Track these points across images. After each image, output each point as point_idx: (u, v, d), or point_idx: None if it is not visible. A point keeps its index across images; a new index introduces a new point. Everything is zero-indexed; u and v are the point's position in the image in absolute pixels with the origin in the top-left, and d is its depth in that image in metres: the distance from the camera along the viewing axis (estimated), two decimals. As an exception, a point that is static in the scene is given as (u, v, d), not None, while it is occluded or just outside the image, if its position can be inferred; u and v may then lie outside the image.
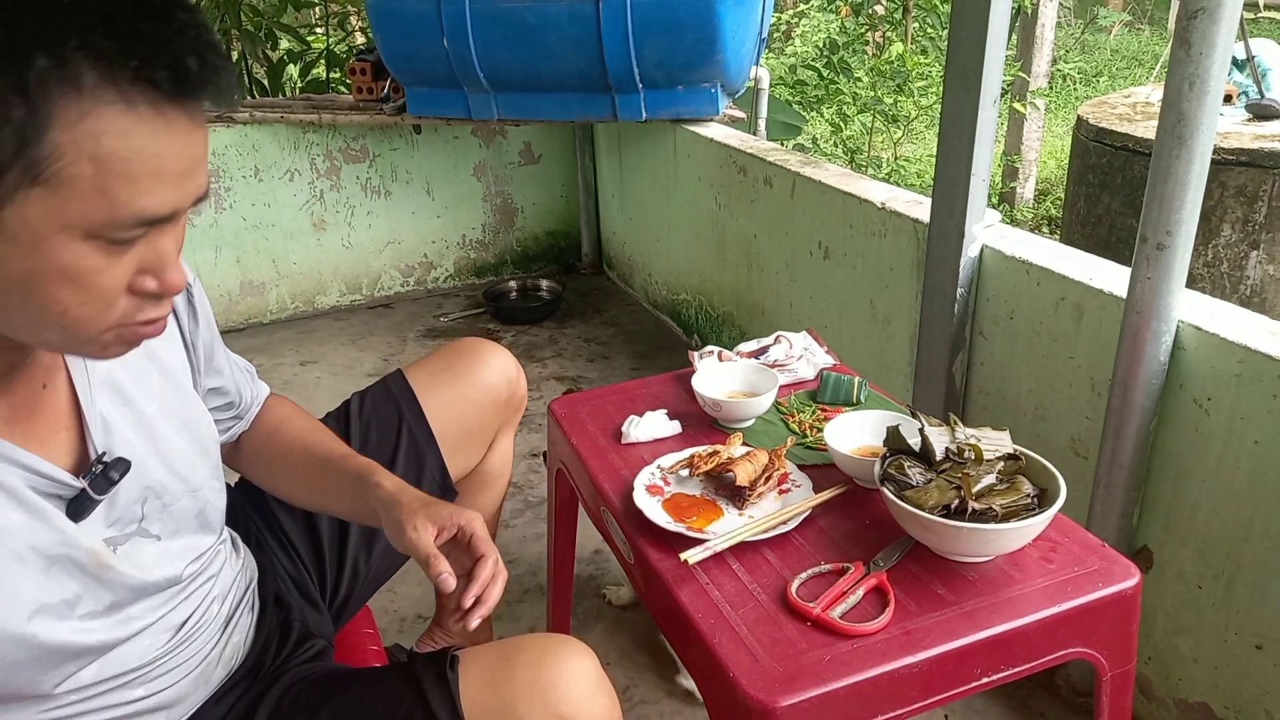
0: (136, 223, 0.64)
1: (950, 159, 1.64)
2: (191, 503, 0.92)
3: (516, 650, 0.95)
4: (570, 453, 1.37)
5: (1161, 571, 1.43)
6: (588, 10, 2.43)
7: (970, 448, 1.05)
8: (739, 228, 2.63)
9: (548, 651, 0.93)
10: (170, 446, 0.90)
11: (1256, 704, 1.33)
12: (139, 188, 0.63)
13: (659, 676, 1.66)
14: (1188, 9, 1.16)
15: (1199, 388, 1.32)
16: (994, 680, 0.97)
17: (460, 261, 3.67)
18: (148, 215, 0.65)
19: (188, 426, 0.93)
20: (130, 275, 0.68)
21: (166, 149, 0.64)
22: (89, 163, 0.61)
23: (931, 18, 4.11)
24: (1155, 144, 1.25)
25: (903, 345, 1.99)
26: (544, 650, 0.93)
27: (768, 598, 1.00)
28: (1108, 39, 9.25)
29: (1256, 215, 2.63)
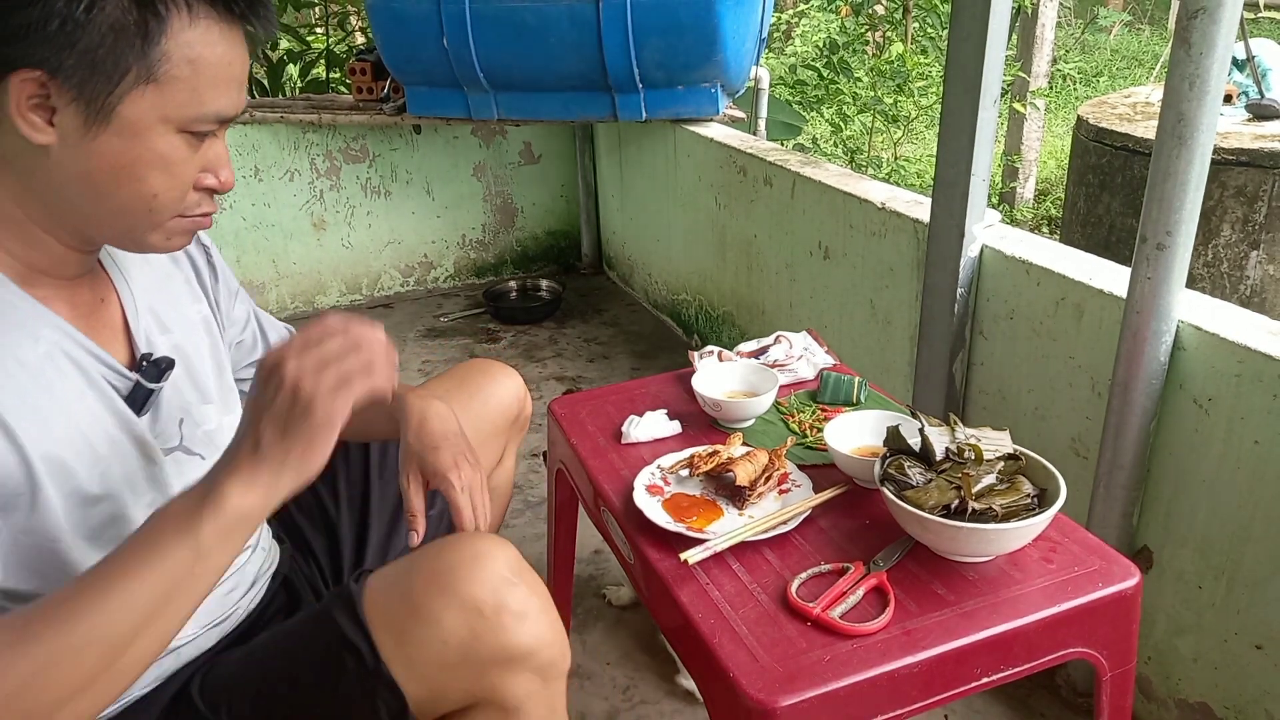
0: (216, 118, 0.80)
1: (950, 159, 1.64)
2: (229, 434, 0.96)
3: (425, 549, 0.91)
4: (570, 453, 1.37)
5: (1161, 571, 1.43)
6: (588, 10, 2.43)
7: (970, 448, 1.05)
8: (739, 228, 2.63)
9: (448, 543, 0.89)
10: (203, 376, 0.98)
11: (1257, 704, 1.33)
12: (218, 89, 0.79)
13: (659, 676, 1.66)
14: (1188, 9, 1.16)
15: (1199, 388, 1.32)
16: (994, 680, 0.97)
17: (460, 261, 3.67)
18: (222, 114, 0.80)
19: (218, 367, 1.01)
20: (200, 170, 0.82)
21: (236, 59, 0.80)
22: (187, 65, 0.76)
23: (931, 17, 4.10)
24: (1155, 144, 1.25)
25: (903, 345, 1.99)
26: (444, 543, 0.89)
27: (768, 598, 1.00)
28: (1108, 39, 9.24)
29: (1256, 215, 2.63)
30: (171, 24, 0.75)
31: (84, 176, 0.77)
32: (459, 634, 0.83)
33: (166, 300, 0.97)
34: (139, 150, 0.77)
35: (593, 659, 1.71)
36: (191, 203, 0.83)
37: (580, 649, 1.73)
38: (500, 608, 0.84)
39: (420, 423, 1.06)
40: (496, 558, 0.87)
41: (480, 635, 0.83)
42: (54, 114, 0.75)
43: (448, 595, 0.83)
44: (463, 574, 0.84)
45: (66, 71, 0.73)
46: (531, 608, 0.86)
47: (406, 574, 0.88)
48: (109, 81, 0.74)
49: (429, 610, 0.84)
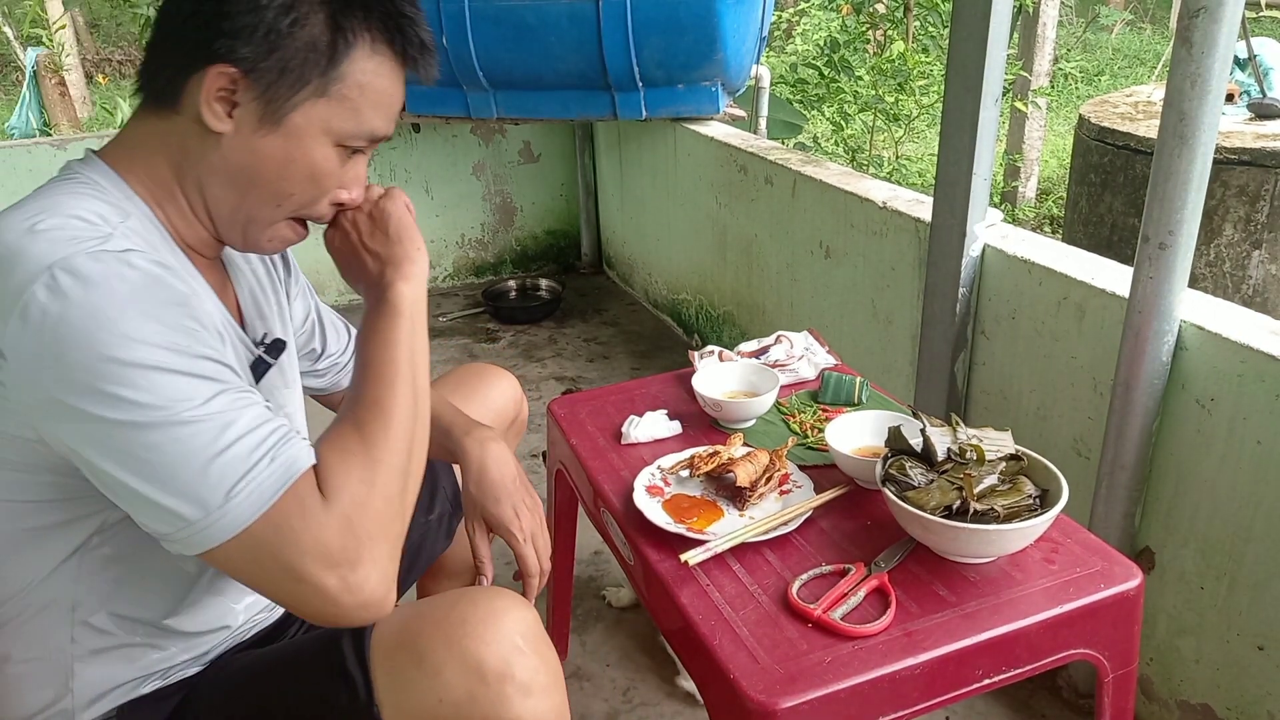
0: (369, 137, 0.88)
1: (952, 158, 1.63)
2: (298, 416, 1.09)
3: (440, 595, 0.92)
4: (570, 453, 1.36)
5: (1163, 572, 1.43)
6: (587, 9, 2.42)
7: (972, 448, 1.05)
8: (740, 227, 2.62)
9: (466, 594, 0.88)
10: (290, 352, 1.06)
11: (1258, 705, 1.32)
12: (378, 114, 0.88)
13: (659, 678, 1.66)
14: (1189, 8, 1.16)
15: (1201, 388, 1.31)
16: (995, 682, 0.97)
17: (459, 261, 3.67)
18: (378, 134, 0.89)
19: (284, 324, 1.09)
20: (341, 183, 0.90)
21: (395, 92, 0.89)
22: (357, 89, 0.85)
23: (933, 16, 4.09)
24: (1157, 143, 1.25)
25: (904, 345, 1.98)
26: (463, 594, 0.89)
27: (768, 599, 1.00)
28: (1109, 38, 9.24)
29: (1258, 215, 2.62)
30: (355, 51, 0.84)
31: (242, 168, 0.85)
32: (457, 693, 0.81)
33: (259, 291, 1.04)
34: (297, 154, 0.85)
35: (592, 660, 1.70)
36: (321, 210, 0.91)
37: (580, 650, 1.73)
38: (504, 676, 0.82)
39: (480, 473, 1.09)
40: (512, 620, 0.85)
41: (478, 700, 0.81)
42: (235, 107, 0.83)
43: (453, 650, 0.82)
44: (472, 631, 0.83)
45: (259, 73, 0.81)
46: (538, 683, 0.84)
47: (418, 617, 0.87)
48: (291, 89, 0.82)
49: (432, 661, 0.83)
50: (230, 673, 0.96)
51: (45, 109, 6.51)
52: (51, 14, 6.79)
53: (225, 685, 0.94)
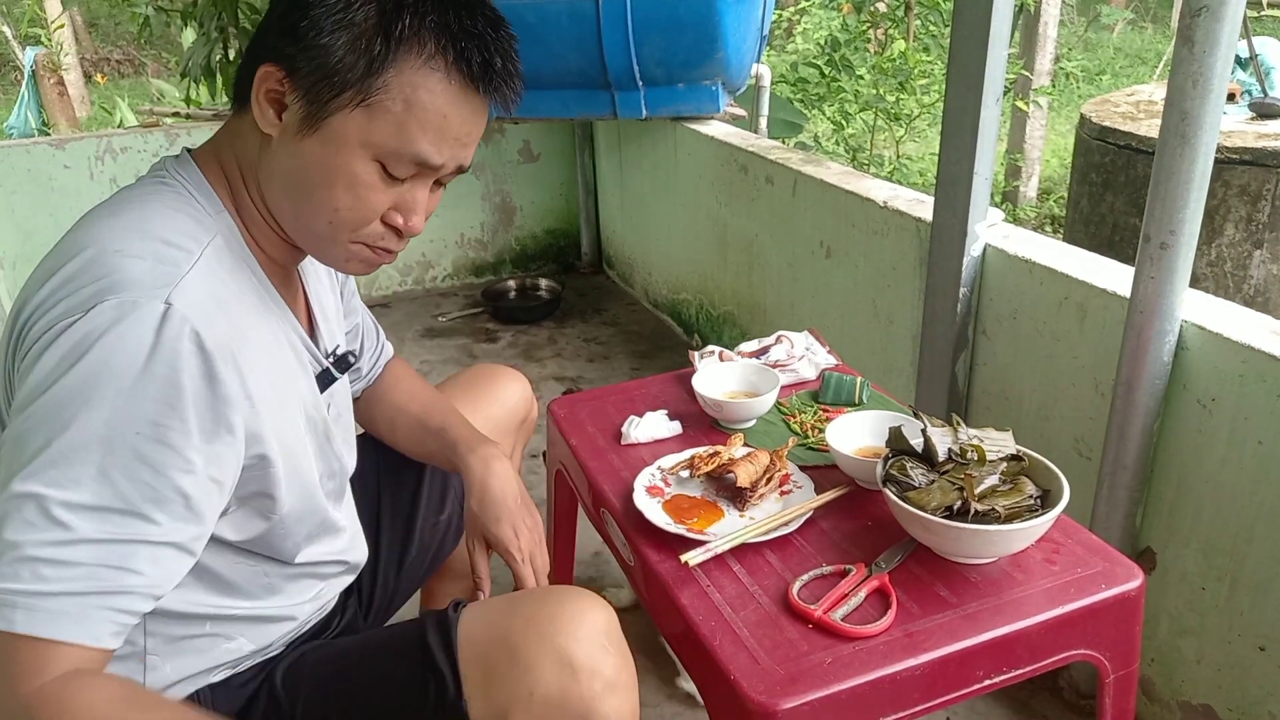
0: (413, 160, 0.82)
1: (953, 157, 1.63)
2: (350, 419, 1.09)
3: (525, 593, 0.95)
4: (570, 454, 1.36)
5: (1164, 573, 1.42)
6: (587, 8, 2.42)
7: (973, 448, 1.04)
8: (740, 226, 2.62)
9: (554, 592, 0.91)
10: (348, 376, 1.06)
11: (1260, 706, 1.32)
12: (425, 135, 0.81)
13: (659, 679, 1.66)
14: (1191, 7, 1.16)
15: (1202, 388, 1.31)
16: (996, 682, 0.97)
17: (459, 261, 3.66)
18: (421, 158, 0.82)
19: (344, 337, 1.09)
20: (388, 206, 0.85)
21: (453, 116, 0.82)
22: (401, 103, 0.80)
23: (934, 15, 4.09)
24: (1158, 142, 1.24)
25: (905, 345, 1.98)
26: (550, 591, 0.92)
27: (769, 600, 1.00)
28: (1111, 37, 9.23)
29: (1260, 214, 2.62)
30: (399, 62, 0.79)
31: (288, 173, 0.83)
32: (549, 687, 0.84)
33: (325, 296, 1.05)
34: (335, 163, 0.81)
35: (593, 660, 1.70)
36: (373, 233, 0.86)
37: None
38: (594, 673, 0.85)
39: (483, 491, 1.10)
40: (597, 620, 0.88)
41: (568, 694, 0.84)
42: (284, 109, 0.81)
43: (545, 646, 0.84)
44: (564, 627, 0.85)
45: (301, 74, 0.79)
46: (622, 681, 0.87)
47: (507, 614, 0.90)
48: (330, 92, 0.79)
49: (526, 654, 0.85)
50: (310, 663, 0.98)
51: (44, 108, 6.51)
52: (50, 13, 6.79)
53: (306, 676, 0.96)
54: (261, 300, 0.88)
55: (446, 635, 0.89)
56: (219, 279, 0.81)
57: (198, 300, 0.76)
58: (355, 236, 0.86)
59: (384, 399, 1.25)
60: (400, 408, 1.24)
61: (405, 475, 1.27)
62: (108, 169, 3.07)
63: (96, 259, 0.76)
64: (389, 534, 1.26)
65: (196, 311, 0.75)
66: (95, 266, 0.75)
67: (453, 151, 0.84)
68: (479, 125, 0.86)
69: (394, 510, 1.28)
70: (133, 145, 3.09)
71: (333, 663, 0.97)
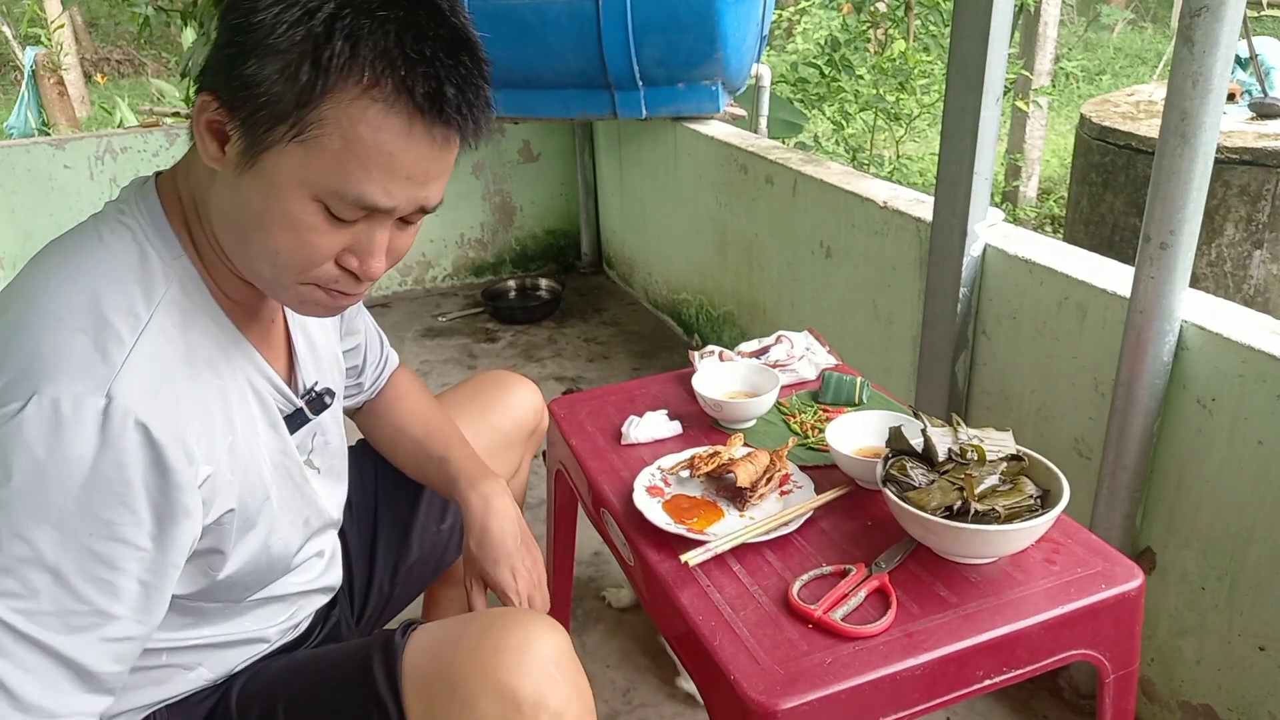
0: (356, 203, 0.74)
1: (953, 157, 1.63)
2: (340, 446, 1.04)
3: (472, 618, 0.91)
4: (569, 454, 1.36)
5: (1164, 573, 1.42)
6: (587, 7, 2.42)
7: (973, 448, 1.04)
8: (740, 226, 2.62)
9: (499, 620, 0.87)
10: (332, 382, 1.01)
11: (1260, 705, 1.32)
12: (368, 175, 0.72)
13: (659, 679, 1.66)
14: (1191, 7, 1.16)
15: (1202, 388, 1.31)
16: (996, 682, 0.97)
17: (459, 260, 3.66)
18: (366, 200, 0.73)
19: (336, 370, 1.04)
20: (340, 248, 0.77)
21: (401, 152, 0.73)
22: (340, 139, 0.71)
23: (934, 15, 4.09)
24: (1158, 142, 1.24)
25: (905, 345, 1.98)
26: (495, 618, 0.88)
27: (769, 600, 1.00)
28: (1111, 37, 9.23)
29: (1260, 214, 2.62)
30: (334, 92, 0.70)
31: (227, 212, 0.77)
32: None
33: (313, 326, 1.00)
34: (271, 203, 0.73)
35: (592, 661, 1.70)
36: (325, 275, 0.78)
37: (580, 651, 1.72)
38: (539, 706, 0.82)
39: (482, 533, 1.09)
40: (545, 648, 0.84)
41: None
42: (226, 142, 0.74)
43: (488, 680, 0.82)
44: (507, 659, 0.83)
45: (234, 104, 0.72)
46: (572, 711, 0.84)
47: (451, 645, 0.87)
48: (264, 126, 0.71)
49: (466, 691, 0.82)
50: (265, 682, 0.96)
51: (44, 108, 6.51)
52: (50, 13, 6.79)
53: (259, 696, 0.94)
54: (222, 349, 0.83)
55: (391, 665, 0.87)
56: (169, 342, 0.77)
57: (141, 385, 0.72)
58: (304, 278, 0.78)
59: (385, 416, 1.23)
60: (401, 428, 1.21)
61: (405, 482, 1.26)
62: (108, 169, 3.07)
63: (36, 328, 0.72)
64: (385, 539, 1.25)
65: (140, 400, 0.71)
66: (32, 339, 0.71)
67: (408, 193, 0.75)
68: (439, 161, 0.76)
69: (392, 516, 1.27)
70: (133, 145, 3.09)
71: (285, 685, 0.94)
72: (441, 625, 0.92)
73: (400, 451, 1.22)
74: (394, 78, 0.70)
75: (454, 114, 0.74)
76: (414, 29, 0.71)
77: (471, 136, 0.77)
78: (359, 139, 0.71)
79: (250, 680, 0.96)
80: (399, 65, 0.70)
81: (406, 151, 0.73)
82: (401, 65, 0.70)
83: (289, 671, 0.96)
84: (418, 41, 0.71)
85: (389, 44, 0.70)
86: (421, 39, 0.71)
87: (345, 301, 0.82)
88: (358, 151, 0.71)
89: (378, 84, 0.70)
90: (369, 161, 0.72)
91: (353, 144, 0.71)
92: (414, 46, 0.71)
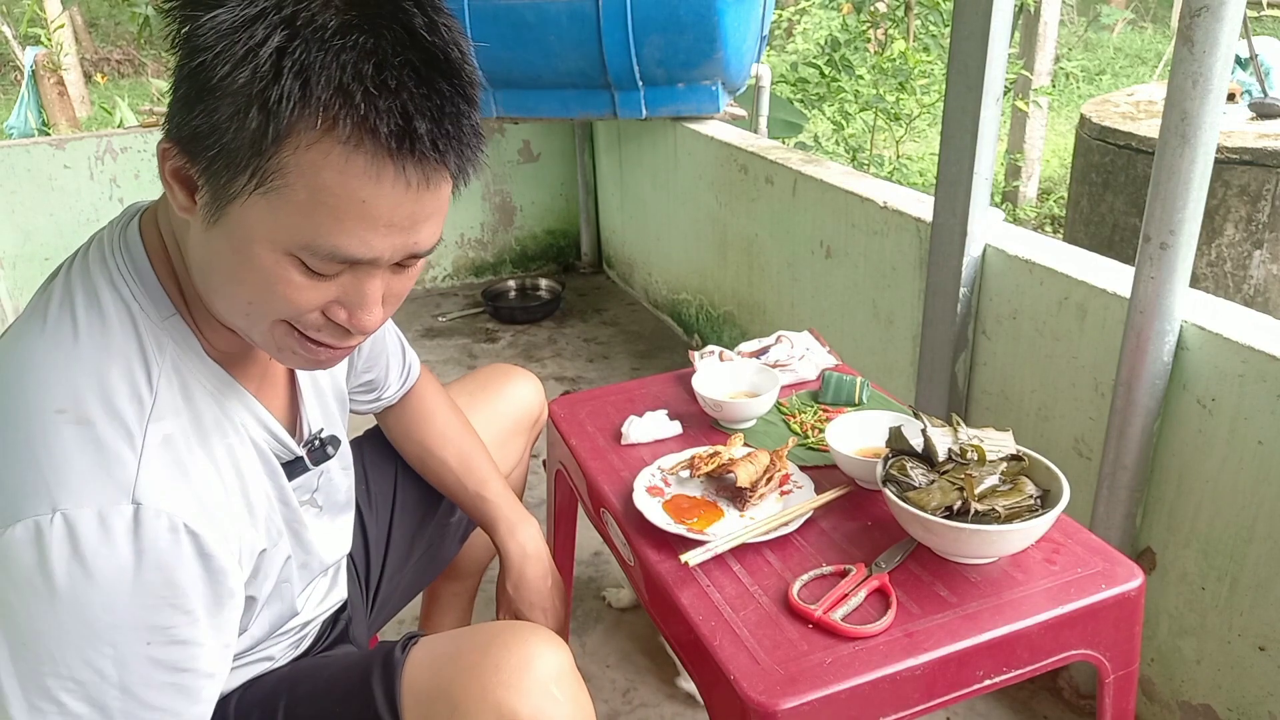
0: (332, 257, 0.66)
1: (953, 157, 1.63)
2: (343, 478, 1.00)
3: (472, 633, 0.91)
4: (569, 454, 1.36)
5: (1164, 573, 1.42)
6: (587, 7, 2.42)
7: (973, 448, 1.04)
8: (740, 226, 2.62)
9: (499, 636, 0.87)
10: (336, 425, 0.98)
11: (1260, 705, 1.32)
12: (341, 226, 0.65)
13: (659, 679, 1.66)
14: (1191, 7, 1.16)
15: (1202, 388, 1.31)
16: (996, 682, 0.97)
17: (459, 261, 3.66)
18: (343, 254, 0.66)
19: (343, 410, 1.02)
20: (325, 301, 0.70)
21: (375, 198, 0.64)
22: (305, 190, 0.63)
23: (934, 15, 4.09)
24: (1158, 142, 1.24)
25: (905, 345, 1.98)
26: (495, 634, 0.87)
27: (769, 600, 1.00)
28: (1111, 37, 9.23)
29: (1260, 214, 2.62)
30: (290, 138, 0.62)
31: (201, 263, 0.71)
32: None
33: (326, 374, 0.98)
34: (241, 258, 0.67)
35: (592, 661, 1.70)
36: (310, 323, 0.71)
37: (580, 651, 1.73)
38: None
39: (519, 578, 1.15)
40: (545, 666, 0.84)
41: None
42: (196, 190, 0.67)
43: (488, 701, 0.81)
44: (506, 679, 0.82)
45: (193, 154, 0.65)
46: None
47: (451, 661, 0.86)
48: (223, 178, 0.64)
49: (466, 709, 0.82)
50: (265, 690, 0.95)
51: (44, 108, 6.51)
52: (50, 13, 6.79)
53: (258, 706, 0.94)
54: (223, 407, 0.78)
55: (390, 682, 0.87)
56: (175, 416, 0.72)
57: (163, 480, 0.68)
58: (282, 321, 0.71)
59: (413, 435, 1.22)
60: (431, 450, 1.21)
61: (418, 486, 1.27)
62: (108, 169, 3.07)
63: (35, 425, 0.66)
64: (400, 530, 1.26)
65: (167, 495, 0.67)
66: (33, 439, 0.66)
67: (392, 241, 0.67)
68: (421, 203, 0.67)
69: (408, 508, 1.27)
70: (133, 145, 3.09)
71: (284, 695, 0.94)
72: (441, 640, 0.92)
73: (430, 472, 1.23)
74: (353, 116, 0.62)
75: (430, 151, 0.64)
76: (375, 56, 0.62)
77: (456, 173, 0.68)
78: (324, 188, 0.63)
79: (251, 687, 0.96)
80: (358, 101, 0.61)
81: (381, 198, 0.64)
82: (361, 101, 0.61)
83: (289, 681, 0.96)
84: (379, 71, 0.62)
85: (345, 77, 0.61)
86: (384, 68, 0.62)
87: (326, 356, 0.75)
88: (326, 201, 0.63)
89: (336, 125, 0.62)
90: (340, 211, 0.64)
91: (319, 193, 0.63)
92: (375, 78, 0.61)
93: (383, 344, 1.13)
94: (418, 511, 1.28)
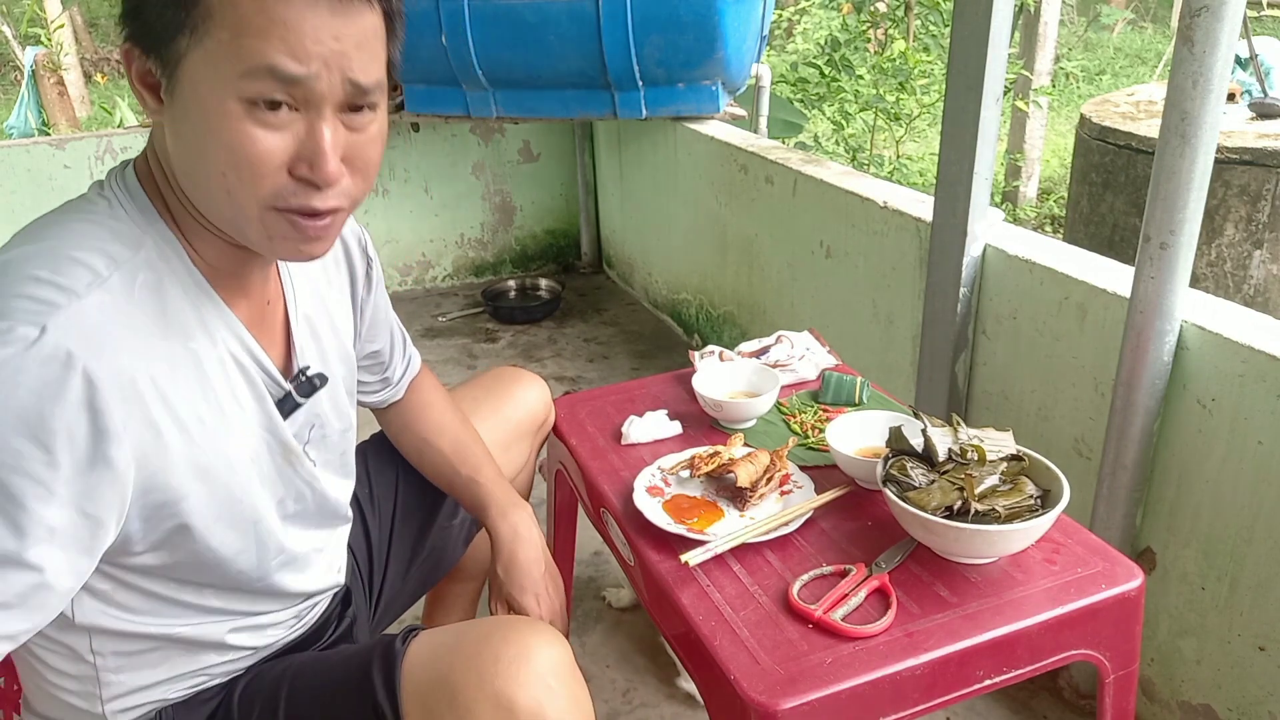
0: (269, 75, 0.69)
1: (953, 157, 1.63)
2: (340, 441, 1.00)
3: (471, 626, 0.91)
4: (569, 454, 1.36)
5: (1164, 573, 1.42)
6: (587, 7, 2.42)
7: (973, 448, 1.04)
8: (740, 226, 2.62)
9: (499, 628, 0.87)
10: (336, 383, 0.98)
11: (1260, 705, 1.32)
12: (268, 42, 0.69)
13: (659, 679, 1.66)
14: (1191, 7, 1.16)
15: (1202, 388, 1.31)
16: (996, 682, 0.97)
17: (459, 261, 3.66)
18: (276, 68, 0.69)
19: (347, 374, 1.02)
20: (287, 156, 0.73)
21: (297, 20, 0.69)
22: (230, 24, 0.68)
23: (934, 15, 4.09)
24: (1158, 142, 1.24)
25: (905, 345, 1.98)
26: (495, 626, 0.88)
27: (769, 600, 1.00)
28: (1111, 37, 9.23)
29: (1260, 214, 2.62)
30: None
31: (178, 157, 0.75)
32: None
33: (321, 309, 0.98)
34: (199, 122, 0.71)
35: (592, 661, 1.70)
36: (281, 189, 0.74)
37: (580, 651, 1.73)
38: (537, 716, 0.81)
39: (510, 560, 1.12)
40: (544, 658, 0.84)
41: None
42: (160, 88, 0.73)
43: (486, 690, 0.81)
44: (505, 669, 0.82)
45: (144, 41, 0.71)
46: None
47: (451, 652, 0.87)
48: (167, 44, 0.70)
49: (464, 698, 0.82)
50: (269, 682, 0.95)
51: (44, 108, 6.51)
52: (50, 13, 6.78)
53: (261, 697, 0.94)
54: (201, 317, 0.80)
55: (390, 672, 0.87)
56: (132, 302, 0.74)
57: (89, 326, 0.70)
58: (262, 201, 0.74)
59: (412, 427, 1.23)
60: (428, 440, 1.22)
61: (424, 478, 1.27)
62: (108, 168, 3.07)
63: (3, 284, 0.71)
64: (402, 534, 1.26)
65: (80, 338, 0.69)
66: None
67: (324, 58, 0.71)
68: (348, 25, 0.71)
69: (411, 511, 1.27)
70: (133, 145, 3.09)
71: (286, 686, 0.94)
72: (442, 632, 0.92)
73: (427, 463, 1.23)
74: None
75: None
76: None
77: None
78: (245, 18, 0.68)
79: (253, 680, 0.96)
80: None
81: (302, 19, 0.69)
82: None
83: (291, 673, 0.97)
84: None
85: None
86: None
87: (316, 227, 0.77)
88: (250, 27, 0.68)
89: None
90: (265, 31, 0.69)
91: (243, 23, 0.68)
92: None
93: (384, 314, 1.14)
94: (420, 513, 1.28)
